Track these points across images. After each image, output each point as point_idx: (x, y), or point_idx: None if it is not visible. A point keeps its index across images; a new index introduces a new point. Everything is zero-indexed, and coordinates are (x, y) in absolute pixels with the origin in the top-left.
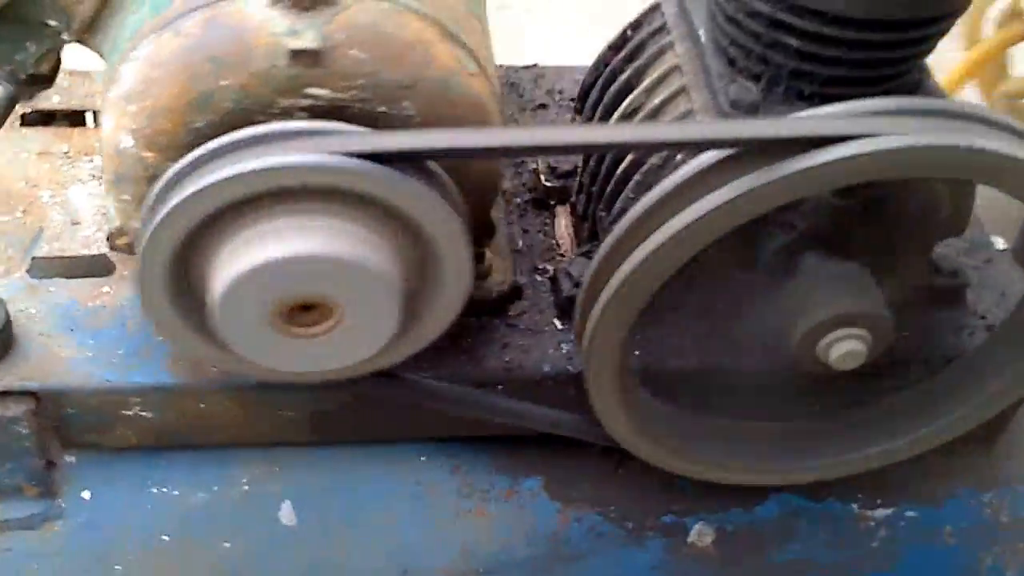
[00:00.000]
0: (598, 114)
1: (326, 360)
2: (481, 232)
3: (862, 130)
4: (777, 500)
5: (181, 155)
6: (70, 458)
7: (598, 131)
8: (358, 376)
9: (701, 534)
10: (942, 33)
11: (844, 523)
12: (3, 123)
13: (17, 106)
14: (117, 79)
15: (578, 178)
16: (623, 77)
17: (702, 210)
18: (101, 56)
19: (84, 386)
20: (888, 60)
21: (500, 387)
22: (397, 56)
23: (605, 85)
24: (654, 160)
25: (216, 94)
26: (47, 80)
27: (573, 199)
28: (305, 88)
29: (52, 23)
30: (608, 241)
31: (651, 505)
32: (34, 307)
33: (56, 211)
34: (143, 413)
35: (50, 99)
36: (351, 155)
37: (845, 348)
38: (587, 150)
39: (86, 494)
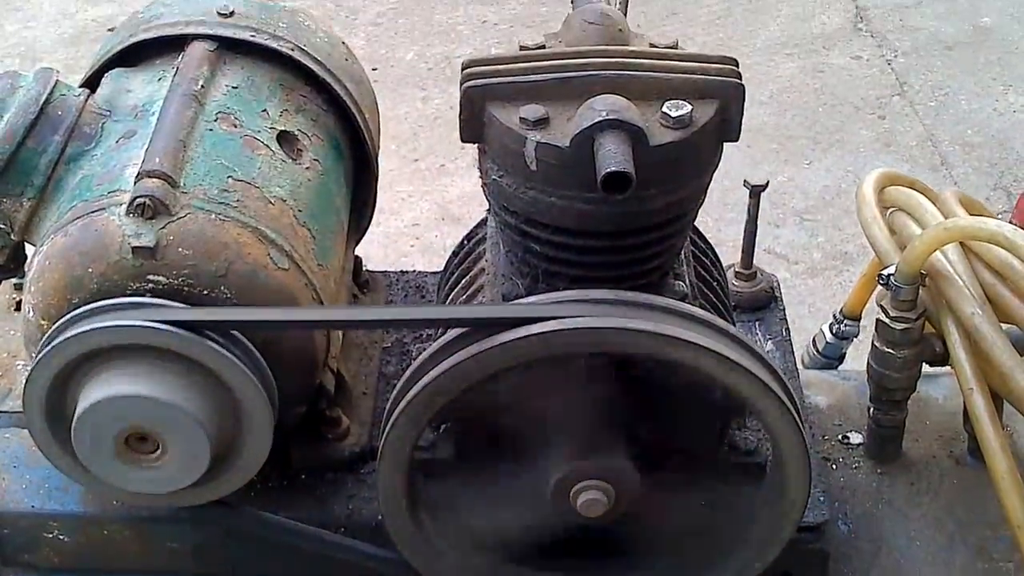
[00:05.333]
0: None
1: (156, 483)
2: (313, 395)
3: (544, 314)
4: None
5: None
6: None
7: (365, 311)
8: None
9: None
10: (650, 244)
11: None
12: None
13: (13, 295)
14: (30, 268)
15: None
16: (454, 277)
17: (437, 373)
18: None
19: (14, 510)
20: (616, 263)
21: (342, 530)
22: (213, 252)
23: (448, 281)
24: None
25: (84, 278)
26: (7, 270)
27: None
28: (147, 275)
29: (1, 226)
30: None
31: None
32: None
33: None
34: (61, 537)
35: None
36: (161, 322)
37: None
38: (354, 326)
39: None
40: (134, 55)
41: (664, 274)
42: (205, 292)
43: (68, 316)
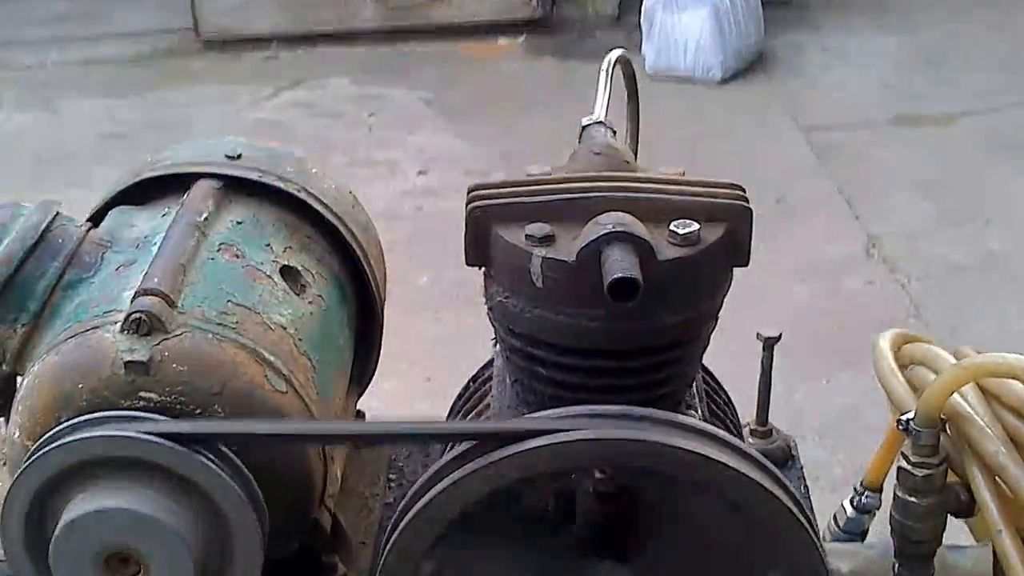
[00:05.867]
0: None
1: None
2: (308, 530)
3: (545, 426)
4: None
5: None
6: None
7: (357, 425)
8: None
9: None
10: (660, 366)
11: None
12: None
13: (2, 450)
14: (19, 390)
15: None
16: (459, 416)
17: (441, 487)
18: None
19: None
20: (624, 387)
21: None
22: (208, 370)
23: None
24: None
25: (75, 394)
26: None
27: None
28: (139, 392)
29: None
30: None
31: None
32: None
33: None
34: None
35: None
36: (145, 432)
37: None
38: (346, 440)
39: None
40: (140, 196)
41: (676, 403)
42: (198, 410)
43: (51, 433)
